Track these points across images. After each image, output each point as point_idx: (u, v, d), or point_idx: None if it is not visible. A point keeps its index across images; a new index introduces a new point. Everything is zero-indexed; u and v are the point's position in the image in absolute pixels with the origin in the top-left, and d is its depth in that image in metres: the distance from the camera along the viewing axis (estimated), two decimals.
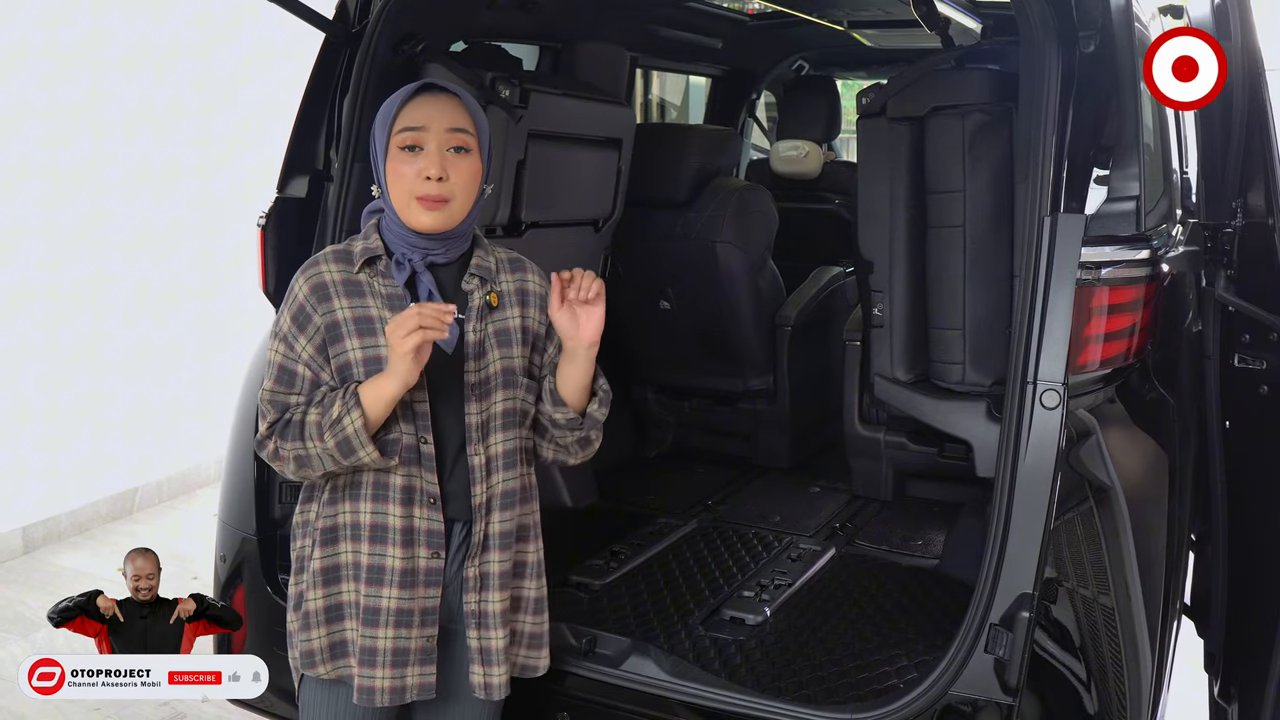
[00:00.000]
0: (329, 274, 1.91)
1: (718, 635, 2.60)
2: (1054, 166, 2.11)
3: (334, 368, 1.90)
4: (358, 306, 1.90)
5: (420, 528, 1.93)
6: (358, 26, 2.69)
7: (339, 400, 1.83)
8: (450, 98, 1.92)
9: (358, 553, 1.93)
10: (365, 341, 1.89)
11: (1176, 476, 2.50)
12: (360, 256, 1.92)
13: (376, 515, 1.92)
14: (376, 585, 1.92)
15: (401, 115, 1.89)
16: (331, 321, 1.89)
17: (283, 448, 1.87)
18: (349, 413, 1.81)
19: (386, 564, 1.91)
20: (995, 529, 2.09)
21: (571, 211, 3.35)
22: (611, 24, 3.78)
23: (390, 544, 1.91)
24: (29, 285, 4.85)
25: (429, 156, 1.86)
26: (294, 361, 1.90)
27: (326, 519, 1.95)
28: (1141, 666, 2.28)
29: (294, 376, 1.90)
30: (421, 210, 1.87)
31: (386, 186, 1.90)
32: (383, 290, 1.91)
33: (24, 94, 4.73)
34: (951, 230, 2.78)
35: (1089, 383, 2.24)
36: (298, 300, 1.91)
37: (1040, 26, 2.16)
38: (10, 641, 4.07)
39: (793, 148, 4.76)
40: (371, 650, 1.92)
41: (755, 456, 3.96)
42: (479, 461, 1.95)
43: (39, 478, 4.96)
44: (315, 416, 1.84)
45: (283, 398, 1.89)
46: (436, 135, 1.87)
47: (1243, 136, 2.46)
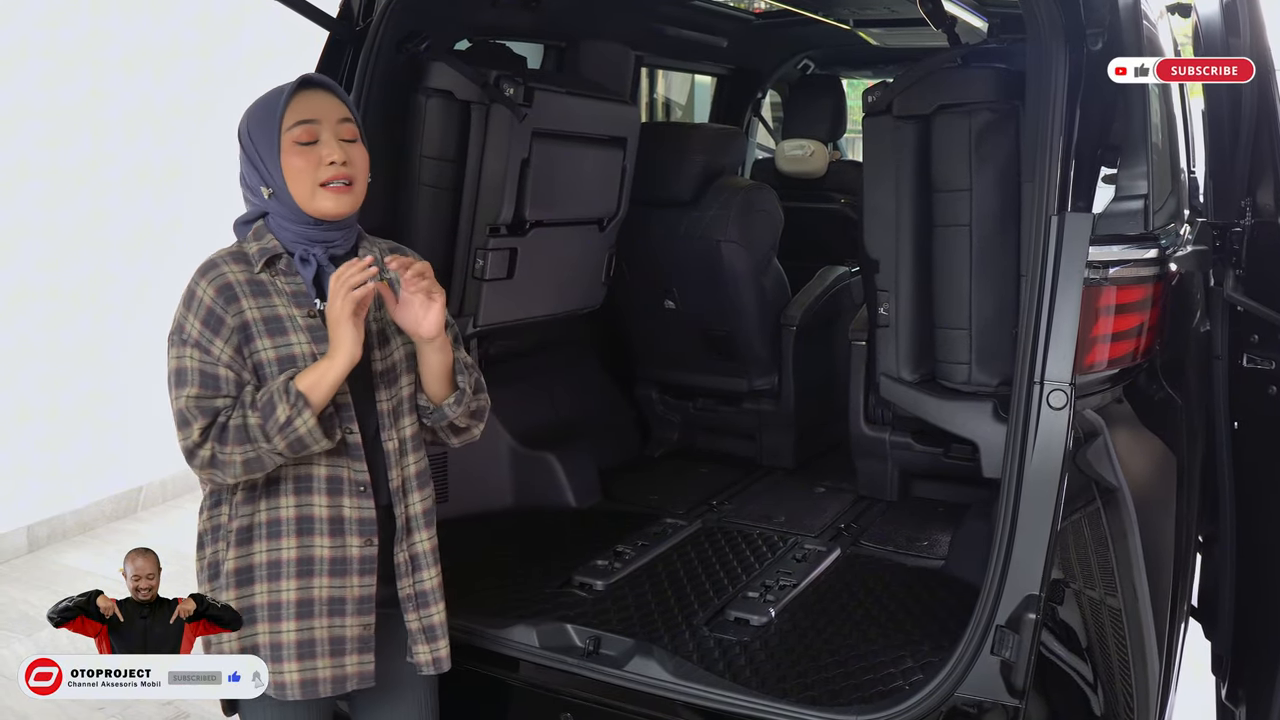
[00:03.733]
0: (232, 275, 1.91)
1: (722, 636, 2.58)
2: (1061, 165, 2.10)
3: (249, 367, 1.90)
4: (265, 306, 1.90)
5: (351, 517, 1.94)
6: (362, 25, 2.69)
7: (282, 402, 1.81)
8: (331, 90, 1.96)
9: (275, 550, 1.92)
10: (277, 341, 1.89)
11: (1184, 477, 2.49)
12: (259, 257, 1.93)
13: (302, 508, 1.92)
14: (307, 577, 1.92)
15: (290, 110, 1.90)
16: (242, 322, 1.89)
17: (223, 453, 1.85)
18: (299, 415, 1.81)
19: (315, 554, 1.92)
20: (1002, 530, 2.08)
21: (576, 210, 3.35)
22: (616, 22, 3.78)
23: (318, 534, 1.92)
24: (29, 285, 4.86)
25: (327, 145, 1.90)
26: (214, 365, 1.87)
27: (242, 519, 1.94)
28: (1149, 668, 2.27)
29: (218, 380, 1.87)
30: (329, 196, 1.90)
31: (285, 183, 1.91)
32: (286, 288, 1.93)
33: (24, 94, 4.74)
34: (958, 229, 2.77)
35: (1096, 383, 2.23)
36: (204, 304, 1.88)
37: (1047, 24, 2.14)
38: (14, 640, 4.07)
39: (798, 147, 4.75)
40: (309, 642, 1.92)
41: (760, 456, 3.94)
42: (393, 446, 1.98)
43: (44, 477, 4.97)
44: (256, 420, 1.82)
45: (209, 402, 1.87)
46: (329, 126, 1.92)
47: (1251, 135, 2.45)
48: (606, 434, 3.81)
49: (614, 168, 3.41)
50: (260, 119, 1.92)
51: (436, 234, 3.02)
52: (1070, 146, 2.12)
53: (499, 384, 3.40)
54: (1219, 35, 2.60)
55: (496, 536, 3.14)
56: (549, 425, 3.54)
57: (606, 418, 3.90)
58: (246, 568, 1.93)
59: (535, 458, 3.39)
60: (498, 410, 3.36)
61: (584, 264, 3.50)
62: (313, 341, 1.90)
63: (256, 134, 1.92)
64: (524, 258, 3.17)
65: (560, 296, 3.48)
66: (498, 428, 3.36)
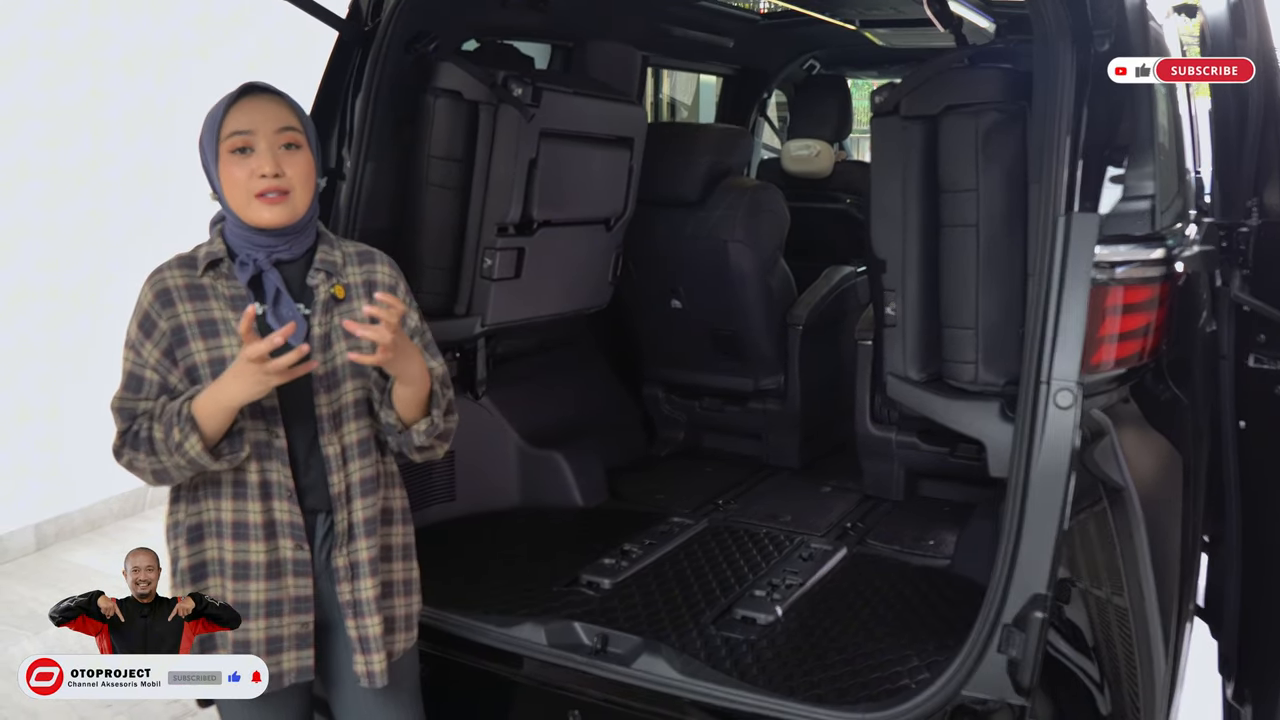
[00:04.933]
0: (172, 280, 1.94)
1: (729, 634, 2.59)
2: (1068, 166, 2.11)
3: (181, 370, 1.91)
4: (201, 310, 1.92)
5: (281, 520, 1.95)
6: (370, 25, 2.70)
7: (175, 424, 1.83)
8: (274, 98, 1.96)
9: (222, 549, 1.95)
10: (210, 343, 1.91)
11: (1191, 477, 2.49)
12: (204, 260, 1.95)
13: (238, 513, 1.94)
14: (243, 580, 1.94)
15: (228, 120, 1.92)
16: (176, 326, 1.91)
17: (136, 460, 1.88)
18: (186, 439, 1.82)
19: (250, 559, 1.94)
20: (1008, 529, 2.08)
21: (583, 210, 3.35)
22: (623, 23, 3.79)
23: (252, 539, 1.93)
24: (29, 285, 4.86)
25: (260, 155, 1.91)
26: (141, 367, 1.91)
27: (191, 516, 1.96)
28: (1155, 667, 2.27)
29: (142, 382, 1.91)
30: (264, 207, 1.91)
31: (222, 191, 1.93)
32: (226, 292, 1.94)
33: (24, 94, 4.74)
34: (965, 229, 2.77)
35: (1103, 382, 2.23)
36: (143, 307, 1.93)
37: (1054, 25, 2.15)
38: (22, 638, 4.09)
39: (804, 147, 4.76)
40: (244, 643, 1.94)
41: (766, 456, 3.95)
42: (334, 451, 1.97)
43: (51, 475, 4.98)
44: (160, 434, 1.85)
45: (131, 404, 1.91)
46: (265, 136, 1.91)
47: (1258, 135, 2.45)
48: (613, 433, 3.82)
49: (621, 168, 3.42)
50: (206, 126, 1.95)
51: (444, 234, 3.03)
52: (1077, 147, 2.12)
53: (506, 383, 3.44)
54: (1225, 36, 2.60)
55: (503, 535, 3.15)
56: (556, 424, 3.55)
57: (613, 417, 3.91)
58: (200, 564, 1.96)
59: (542, 457, 3.40)
60: (504, 409, 3.40)
61: (591, 264, 3.51)
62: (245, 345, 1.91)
63: (204, 141, 1.95)
64: (531, 257, 3.18)
65: (567, 296, 3.49)
66: (505, 426, 3.38)
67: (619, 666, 2.38)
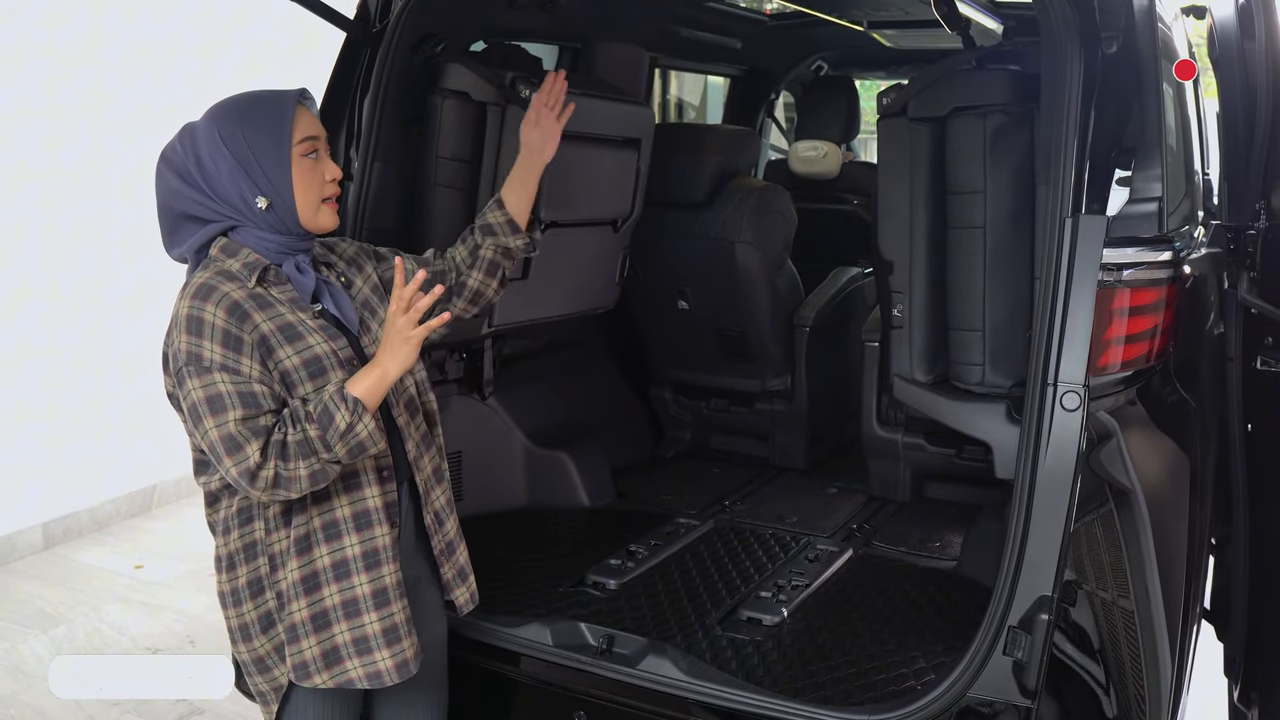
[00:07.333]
0: (234, 294, 1.89)
1: (735, 635, 2.59)
2: (1076, 167, 2.10)
3: (276, 377, 1.90)
4: (275, 317, 1.91)
5: (375, 505, 1.99)
6: (378, 26, 2.70)
7: (339, 410, 1.83)
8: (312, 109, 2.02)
9: (338, 550, 1.96)
10: (297, 346, 1.91)
11: (1197, 479, 2.48)
12: (251, 271, 1.92)
13: (355, 504, 1.97)
14: (376, 568, 1.98)
15: (298, 126, 1.94)
16: (260, 336, 1.88)
17: (286, 469, 1.82)
18: (360, 420, 1.84)
19: (378, 545, 1.98)
20: (1014, 531, 2.08)
21: (591, 211, 3.35)
22: (631, 24, 3.79)
23: (375, 525, 1.98)
24: (29, 285, 4.88)
25: (325, 161, 1.98)
26: (248, 383, 1.85)
27: (298, 528, 1.95)
28: (1161, 670, 2.27)
29: (256, 397, 1.84)
30: (329, 213, 1.99)
31: (293, 194, 1.93)
32: (282, 297, 1.95)
33: (24, 94, 4.75)
34: (972, 231, 2.77)
35: (1110, 385, 2.23)
36: (217, 327, 1.85)
37: (1062, 27, 2.14)
38: (30, 637, 4.10)
39: (811, 148, 4.75)
40: (393, 627, 1.98)
41: (773, 457, 3.95)
42: (404, 421, 2.08)
43: (59, 474, 5.00)
44: (316, 431, 1.82)
45: (256, 422, 1.83)
46: (323, 142, 2.00)
47: (1267, 137, 2.45)
48: (620, 434, 3.82)
49: (628, 169, 3.42)
50: (264, 127, 1.91)
51: (452, 234, 3.02)
52: (1085, 149, 2.12)
53: (513, 384, 3.44)
54: (1234, 38, 2.60)
55: (510, 535, 3.15)
56: (562, 425, 3.55)
57: (620, 418, 3.92)
58: (311, 575, 1.96)
59: (549, 457, 3.41)
60: (511, 410, 3.40)
61: (598, 264, 3.51)
62: (328, 340, 1.94)
63: (259, 142, 1.91)
64: (538, 258, 3.17)
65: (574, 297, 3.49)
66: (512, 427, 3.38)
67: (624, 667, 2.39)
